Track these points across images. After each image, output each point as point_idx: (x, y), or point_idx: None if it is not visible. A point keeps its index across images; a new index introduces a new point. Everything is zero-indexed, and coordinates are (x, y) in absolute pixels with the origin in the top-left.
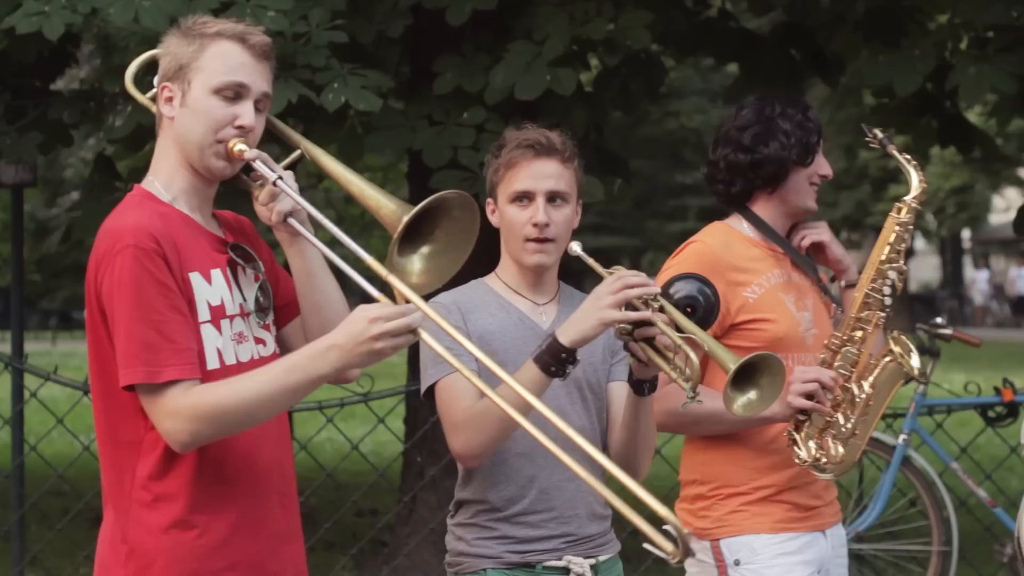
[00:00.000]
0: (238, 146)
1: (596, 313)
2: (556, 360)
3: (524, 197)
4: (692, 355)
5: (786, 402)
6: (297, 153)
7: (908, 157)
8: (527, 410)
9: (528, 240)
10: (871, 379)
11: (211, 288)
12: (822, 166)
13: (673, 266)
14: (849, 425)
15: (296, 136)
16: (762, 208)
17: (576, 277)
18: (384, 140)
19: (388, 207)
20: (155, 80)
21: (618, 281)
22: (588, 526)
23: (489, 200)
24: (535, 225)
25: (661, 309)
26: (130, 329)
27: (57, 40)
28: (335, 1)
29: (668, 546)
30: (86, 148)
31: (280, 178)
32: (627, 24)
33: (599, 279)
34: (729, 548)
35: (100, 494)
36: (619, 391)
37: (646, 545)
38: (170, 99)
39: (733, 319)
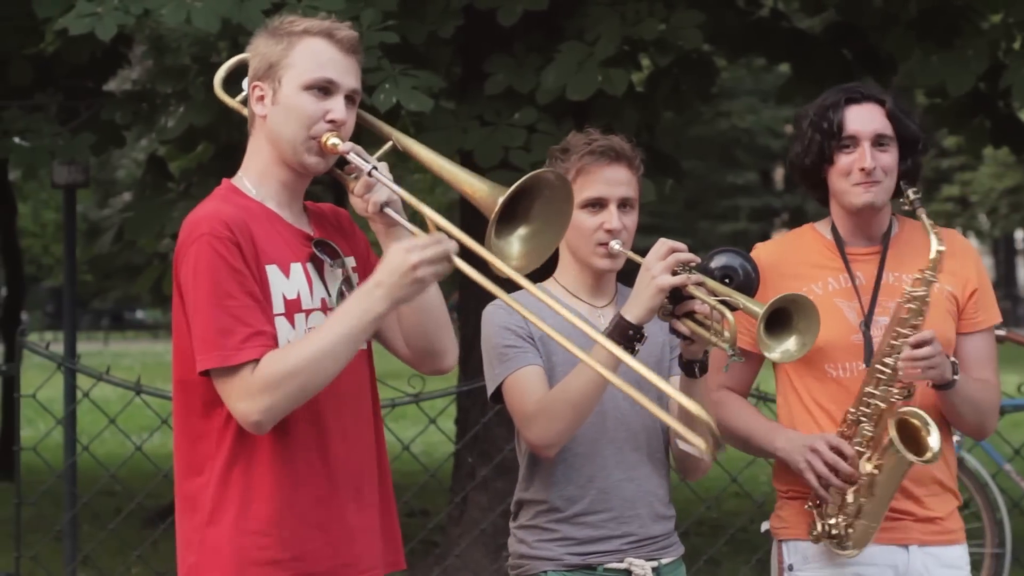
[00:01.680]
0: (331, 140)
1: (651, 283)
2: (624, 337)
3: (597, 203)
4: (728, 314)
5: (806, 474)
6: (389, 144)
7: (932, 223)
8: (600, 394)
9: (600, 244)
10: (875, 460)
11: (288, 281)
12: (859, 159)
13: None
14: (859, 504)
15: (386, 128)
16: (833, 210)
17: (626, 277)
18: (435, 140)
19: (483, 190)
20: (245, 81)
21: (663, 246)
22: (651, 527)
23: None
24: (609, 231)
25: (701, 283)
26: (206, 316)
27: (109, 41)
28: (386, 2)
29: (700, 442)
30: (138, 149)
31: (375, 168)
32: (679, 24)
33: None
34: (788, 552)
35: (152, 494)
36: (677, 384)
37: (681, 444)
38: (261, 98)
39: None
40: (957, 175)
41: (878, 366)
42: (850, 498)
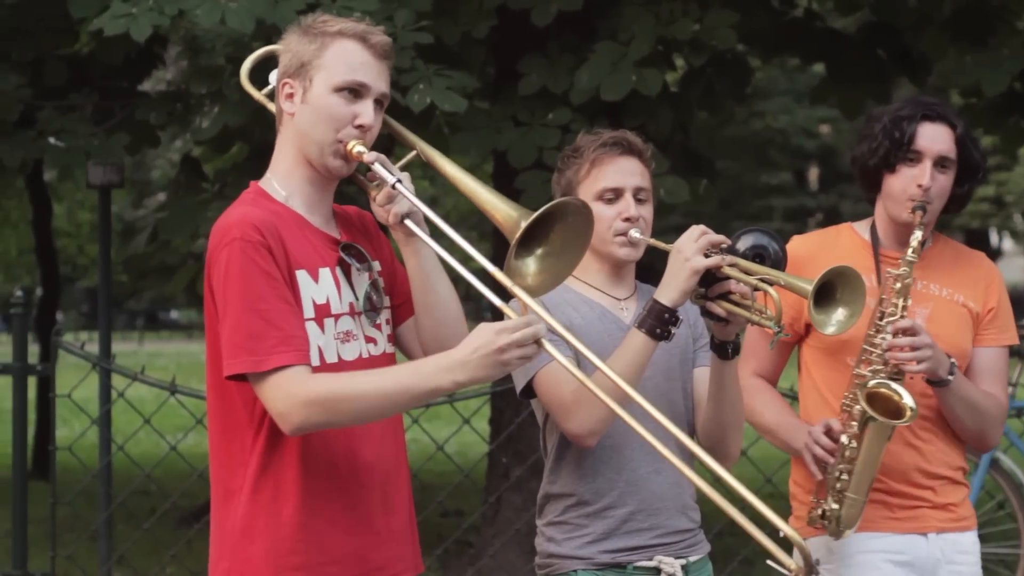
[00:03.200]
0: (356, 148)
1: (685, 265)
2: (660, 322)
3: (613, 193)
4: (771, 291)
5: (804, 457)
6: (412, 154)
7: (921, 230)
8: (637, 382)
9: (619, 234)
10: (852, 432)
11: (317, 286)
12: (919, 175)
13: None
14: (844, 478)
15: (412, 137)
16: (877, 212)
17: (647, 277)
18: (469, 141)
19: (504, 211)
20: (274, 76)
21: (695, 230)
22: (678, 520)
23: None
24: (627, 219)
25: (735, 263)
26: (237, 320)
27: (144, 42)
28: (420, 2)
29: (790, 562)
30: (173, 149)
31: (399, 181)
32: (713, 24)
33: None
34: (812, 548)
35: (186, 494)
36: (703, 375)
37: (769, 562)
38: (291, 95)
39: (807, 318)
40: (992, 175)
41: (866, 346)
42: (836, 474)
